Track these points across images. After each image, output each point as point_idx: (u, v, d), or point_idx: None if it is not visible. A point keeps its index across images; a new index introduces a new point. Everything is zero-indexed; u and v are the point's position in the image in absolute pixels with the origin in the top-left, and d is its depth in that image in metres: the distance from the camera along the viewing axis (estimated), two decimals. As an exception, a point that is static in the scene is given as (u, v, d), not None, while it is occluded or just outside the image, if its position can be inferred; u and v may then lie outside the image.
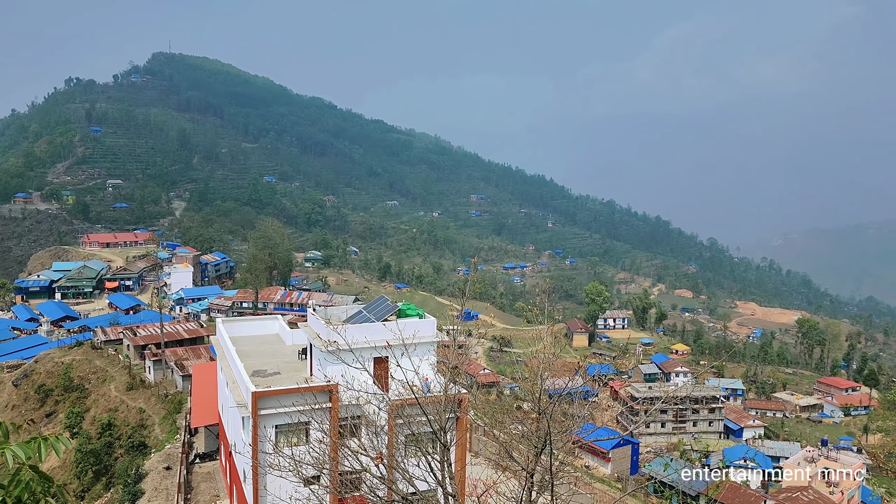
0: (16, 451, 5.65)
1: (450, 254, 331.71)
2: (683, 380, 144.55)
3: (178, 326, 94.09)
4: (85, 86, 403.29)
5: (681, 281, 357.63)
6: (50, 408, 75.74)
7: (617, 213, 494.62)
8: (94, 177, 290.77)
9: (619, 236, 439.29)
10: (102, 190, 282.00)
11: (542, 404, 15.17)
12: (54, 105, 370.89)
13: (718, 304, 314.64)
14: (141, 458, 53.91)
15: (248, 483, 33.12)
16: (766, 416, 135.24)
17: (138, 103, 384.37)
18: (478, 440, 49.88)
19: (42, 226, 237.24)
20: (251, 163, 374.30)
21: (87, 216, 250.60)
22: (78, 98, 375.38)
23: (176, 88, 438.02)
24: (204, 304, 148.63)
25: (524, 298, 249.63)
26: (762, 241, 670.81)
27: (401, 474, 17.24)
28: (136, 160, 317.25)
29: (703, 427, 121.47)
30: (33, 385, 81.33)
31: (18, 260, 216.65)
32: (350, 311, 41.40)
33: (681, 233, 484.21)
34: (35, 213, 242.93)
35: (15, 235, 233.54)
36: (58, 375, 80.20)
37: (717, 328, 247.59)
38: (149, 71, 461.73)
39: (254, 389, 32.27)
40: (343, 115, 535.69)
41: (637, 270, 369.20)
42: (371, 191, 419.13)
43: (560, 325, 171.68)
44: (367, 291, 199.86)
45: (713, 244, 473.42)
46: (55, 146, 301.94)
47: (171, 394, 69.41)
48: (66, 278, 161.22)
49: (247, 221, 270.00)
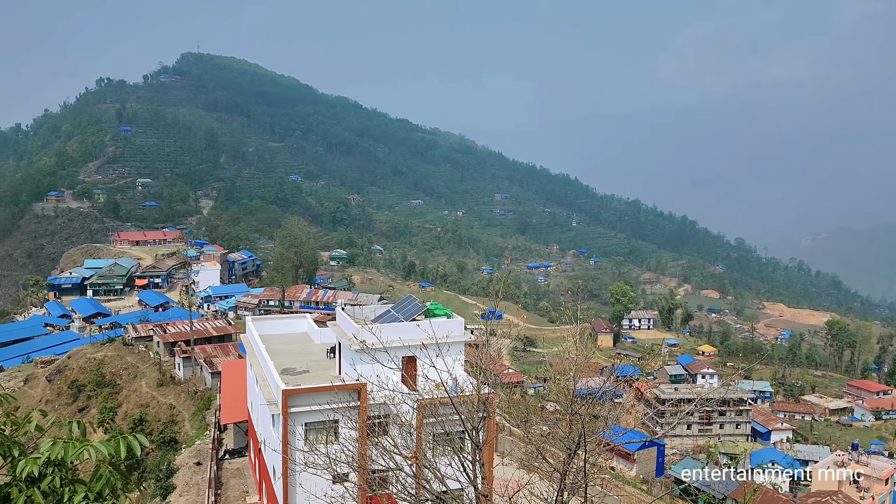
0: (98, 448, 5.98)
1: (474, 253, 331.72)
2: (712, 382, 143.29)
3: (207, 324, 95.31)
4: (115, 86, 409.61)
5: (707, 281, 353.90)
6: (83, 403, 77.22)
7: (642, 213, 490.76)
8: (125, 176, 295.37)
9: (645, 236, 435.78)
10: (132, 189, 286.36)
11: (573, 405, 15.31)
12: (86, 105, 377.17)
13: (746, 305, 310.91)
14: (172, 454, 54.85)
15: (278, 479, 33.60)
16: (794, 419, 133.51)
17: (167, 103, 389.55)
18: (503, 440, 50.01)
19: (74, 224, 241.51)
20: (277, 162, 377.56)
21: (117, 214, 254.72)
22: (109, 98, 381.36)
23: (204, 88, 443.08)
24: (231, 301, 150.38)
25: (548, 298, 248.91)
26: (790, 240, 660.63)
27: (432, 473, 17.47)
28: (165, 159, 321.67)
29: (730, 429, 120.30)
30: (66, 381, 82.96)
31: (51, 257, 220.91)
32: (378, 310, 41.74)
33: (707, 232, 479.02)
34: (67, 211, 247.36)
35: (48, 233, 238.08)
36: (90, 371, 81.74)
37: (745, 329, 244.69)
38: (177, 71, 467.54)
39: (284, 387, 32.73)
40: (368, 114, 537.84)
41: (663, 270, 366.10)
42: (396, 190, 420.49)
43: (585, 325, 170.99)
44: (391, 290, 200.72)
45: (740, 244, 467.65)
46: (87, 145, 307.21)
47: (200, 390, 70.39)
48: (97, 276, 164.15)
49: (273, 220, 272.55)
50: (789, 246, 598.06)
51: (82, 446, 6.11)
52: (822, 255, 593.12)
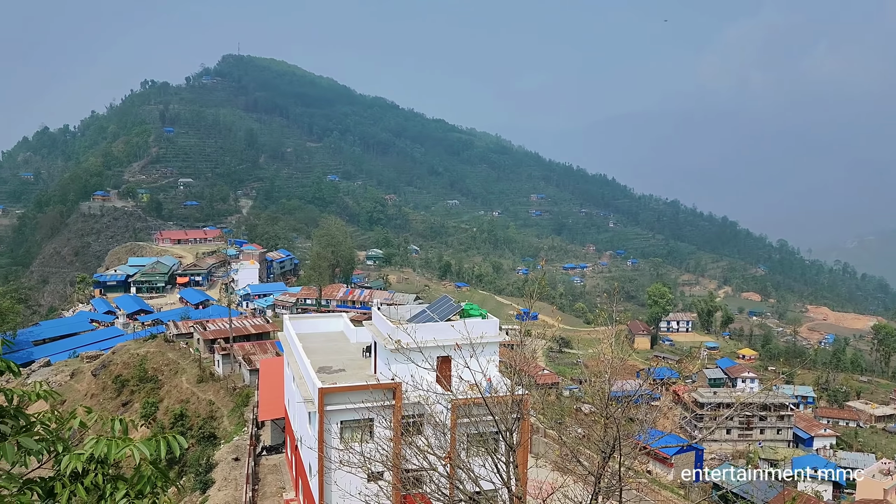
0: (140, 447, 6.16)
1: (509, 253, 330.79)
2: (753, 386, 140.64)
3: (246, 322, 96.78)
4: (159, 88, 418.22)
5: (748, 283, 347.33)
6: (126, 398, 79.07)
7: (681, 214, 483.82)
8: (167, 175, 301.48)
9: (684, 237, 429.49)
10: (174, 188, 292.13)
11: (609, 408, 15.19)
12: (131, 106, 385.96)
13: (788, 308, 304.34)
14: (211, 449, 55.81)
15: (314, 477, 33.97)
16: (838, 426, 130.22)
17: (208, 104, 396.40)
18: (537, 441, 49.81)
19: (119, 223, 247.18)
20: (315, 162, 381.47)
21: (160, 213, 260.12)
22: (153, 100, 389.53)
23: (244, 89, 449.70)
24: (269, 300, 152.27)
25: (584, 299, 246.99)
26: (835, 242, 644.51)
27: (466, 474, 17.50)
28: (206, 159, 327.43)
29: (771, 435, 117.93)
30: (110, 375, 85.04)
31: (97, 255, 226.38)
32: (413, 310, 41.94)
33: (748, 234, 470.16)
34: (112, 210, 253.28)
35: (94, 232, 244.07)
36: (133, 366, 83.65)
37: (787, 333, 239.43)
38: (219, 73, 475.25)
39: (320, 385, 33.08)
40: (405, 114, 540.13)
41: (702, 272, 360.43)
42: (432, 190, 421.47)
43: (621, 326, 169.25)
44: (427, 290, 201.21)
45: (783, 246, 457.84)
46: (131, 146, 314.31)
47: (238, 387, 71.51)
48: (140, 273, 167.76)
49: (310, 219, 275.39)
50: (834, 248, 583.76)
51: (125, 445, 6.29)
52: (868, 257, 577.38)
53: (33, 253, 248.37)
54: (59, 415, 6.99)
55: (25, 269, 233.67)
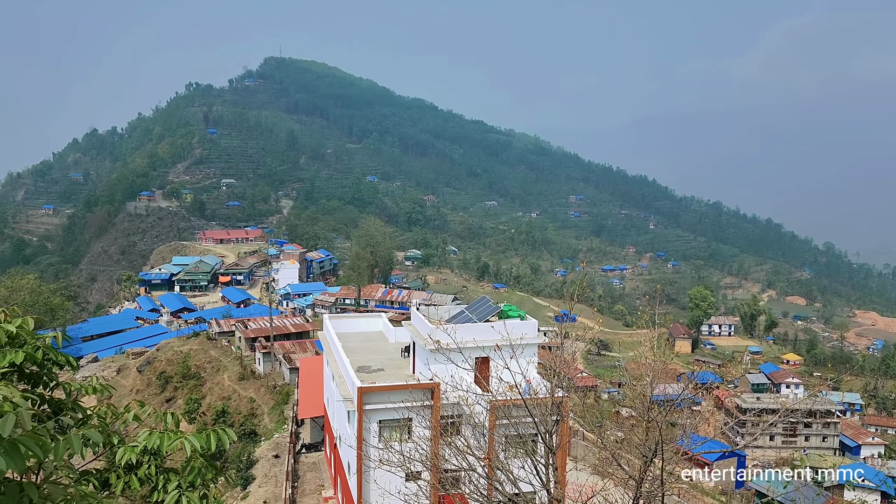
0: (192, 440, 6.35)
1: (548, 254, 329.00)
2: (797, 392, 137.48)
3: (286, 321, 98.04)
4: (203, 90, 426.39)
5: (793, 287, 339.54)
6: (170, 394, 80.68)
7: (724, 215, 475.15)
8: (210, 176, 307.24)
9: (726, 239, 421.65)
10: (217, 188, 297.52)
11: (650, 412, 15.03)
12: (176, 108, 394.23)
13: (835, 313, 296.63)
14: (252, 446, 56.67)
15: (353, 475, 34.26)
16: (887, 434, 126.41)
17: (251, 106, 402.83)
18: (576, 444, 49.43)
19: (163, 222, 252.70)
20: (355, 163, 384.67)
21: (203, 213, 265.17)
22: (197, 102, 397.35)
23: (286, 91, 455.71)
24: (309, 299, 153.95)
25: (623, 301, 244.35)
26: (885, 246, 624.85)
27: (505, 475, 17.49)
28: (248, 160, 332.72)
29: (816, 442, 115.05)
30: (155, 372, 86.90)
31: (142, 254, 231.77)
32: (452, 310, 42.03)
33: (794, 236, 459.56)
34: (157, 210, 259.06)
35: (139, 231, 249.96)
36: (177, 363, 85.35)
37: (834, 338, 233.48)
38: (261, 75, 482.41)
39: (359, 385, 33.33)
40: (444, 115, 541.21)
41: (745, 275, 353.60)
42: (470, 191, 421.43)
43: (662, 329, 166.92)
44: (465, 291, 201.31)
45: (829, 249, 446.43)
46: (176, 147, 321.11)
47: (279, 385, 72.46)
48: (184, 272, 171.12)
49: (350, 220, 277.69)
50: (883, 251, 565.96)
51: (177, 438, 6.49)
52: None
53: (82, 251, 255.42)
54: (114, 409, 7.23)
55: (75, 267, 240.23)
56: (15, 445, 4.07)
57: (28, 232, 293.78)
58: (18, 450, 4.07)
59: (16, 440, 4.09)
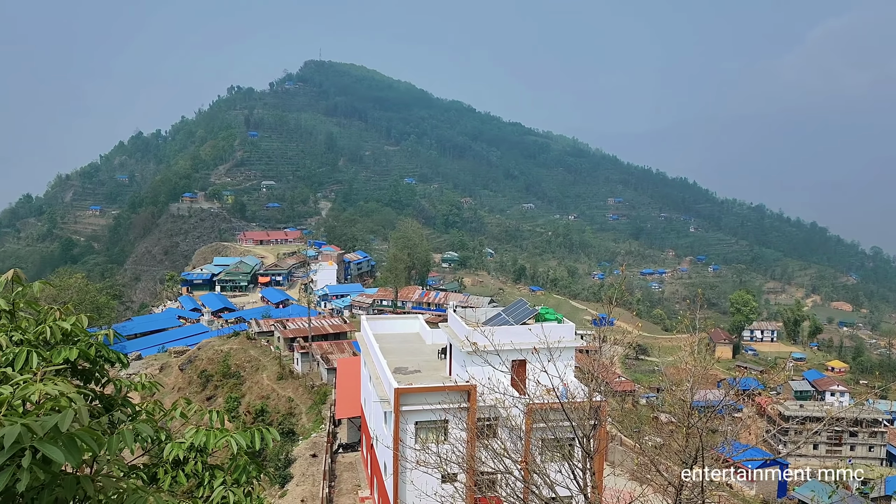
0: (237, 439, 6.51)
1: (585, 257, 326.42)
2: (843, 400, 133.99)
3: (324, 321, 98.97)
4: (245, 93, 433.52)
5: (838, 292, 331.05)
6: (210, 392, 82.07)
7: (767, 218, 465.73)
8: (251, 178, 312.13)
9: (769, 243, 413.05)
10: (257, 190, 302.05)
11: (690, 418, 14.85)
12: (218, 112, 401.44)
13: (882, 319, 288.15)
14: (290, 445, 57.34)
15: (389, 475, 34.45)
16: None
17: (291, 109, 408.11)
18: (614, 450, 48.93)
19: (205, 223, 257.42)
20: (392, 165, 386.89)
21: (243, 215, 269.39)
22: (238, 105, 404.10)
23: (325, 94, 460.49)
24: (347, 300, 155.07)
25: (662, 305, 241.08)
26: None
27: (542, 479, 17.42)
28: (288, 162, 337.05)
29: (862, 452, 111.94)
30: (196, 370, 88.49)
31: (185, 254, 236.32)
32: (489, 312, 42.01)
33: (839, 240, 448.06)
34: (199, 211, 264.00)
35: (182, 232, 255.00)
36: (217, 362, 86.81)
37: (881, 345, 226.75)
38: (301, 78, 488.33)
39: (396, 386, 33.52)
40: (481, 117, 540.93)
41: (788, 280, 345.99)
42: (507, 193, 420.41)
43: (703, 334, 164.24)
44: (501, 293, 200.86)
45: (877, 253, 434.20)
46: (218, 150, 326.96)
47: (316, 385, 73.21)
48: (224, 272, 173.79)
49: (387, 221, 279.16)
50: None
51: (223, 435, 6.66)
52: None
53: (127, 251, 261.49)
54: (162, 406, 7.44)
55: (120, 266, 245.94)
56: (72, 439, 4.23)
57: (76, 232, 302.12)
58: (76, 444, 4.23)
59: (73, 434, 4.25)
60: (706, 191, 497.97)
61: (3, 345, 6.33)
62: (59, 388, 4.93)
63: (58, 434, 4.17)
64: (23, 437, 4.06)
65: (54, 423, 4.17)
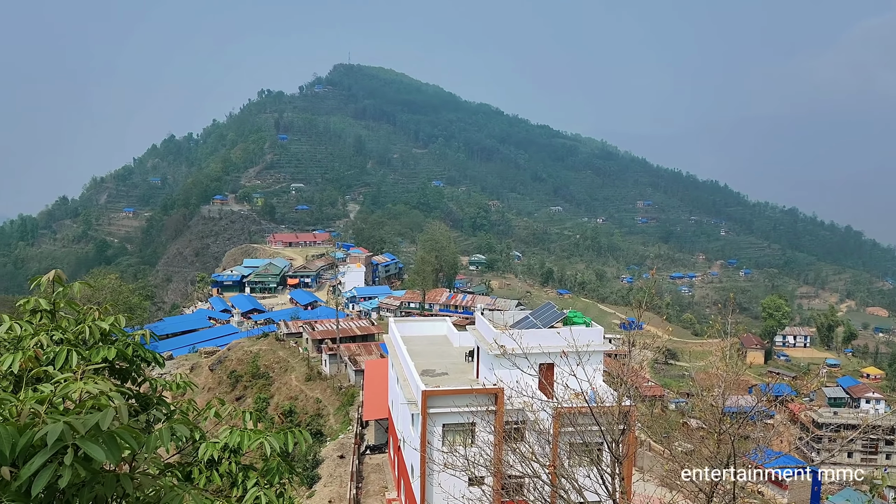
0: (271, 441, 6.61)
1: (613, 261, 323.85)
2: (878, 408, 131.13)
3: (352, 323, 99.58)
4: (275, 97, 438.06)
5: (874, 298, 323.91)
6: (240, 392, 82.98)
7: (800, 222, 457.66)
8: (280, 181, 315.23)
9: (802, 247, 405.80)
10: (286, 193, 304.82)
11: (721, 424, 14.66)
12: (248, 115, 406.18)
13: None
14: (317, 446, 57.70)
15: (416, 477, 34.51)
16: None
17: (320, 112, 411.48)
18: (643, 455, 48.45)
19: (235, 225, 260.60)
20: (420, 167, 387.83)
21: (273, 217, 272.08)
22: (268, 108, 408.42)
23: (354, 97, 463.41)
24: (374, 302, 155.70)
25: (692, 310, 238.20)
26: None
27: (570, 483, 17.32)
28: (317, 165, 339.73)
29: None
30: (226, 370, 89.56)
31: (215, 256, 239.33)
32: (516, 315, 41.90)
33: (875, 244, 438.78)
34: (230, 213, 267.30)
35: (213, 234, 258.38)
36: (247, 363, 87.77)
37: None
38: (330, 81, 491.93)
39: (423, 388, 33.57)
40: (509, 120, 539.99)
41: (822, 284, 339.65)
42: (535, 196, 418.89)
43: (733, 339, 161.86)
44: (529, 296, 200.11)
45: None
46: (248, 152, 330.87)
47: (344, 387, 73.63)
48: (254, 274, 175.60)
49: (415, 224, 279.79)
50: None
51: (258, 436, 6.76)
52: None
53: (159, 253, 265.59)
54: (196, 406, 7.57)
55: (152, 267, 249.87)
56: (113, 438, 4.32)
57: (110, 234, 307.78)
58: (116, 442, 4.33)
59: (114, 432, 4.35)
60: (737, 193, 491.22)
61: (44, 344, 6.51)
62: (98, 386, 5.04)
63: (98, 432, 4.27)
64: (65, 434, 4.16)
65: (95, 422, 4.27)
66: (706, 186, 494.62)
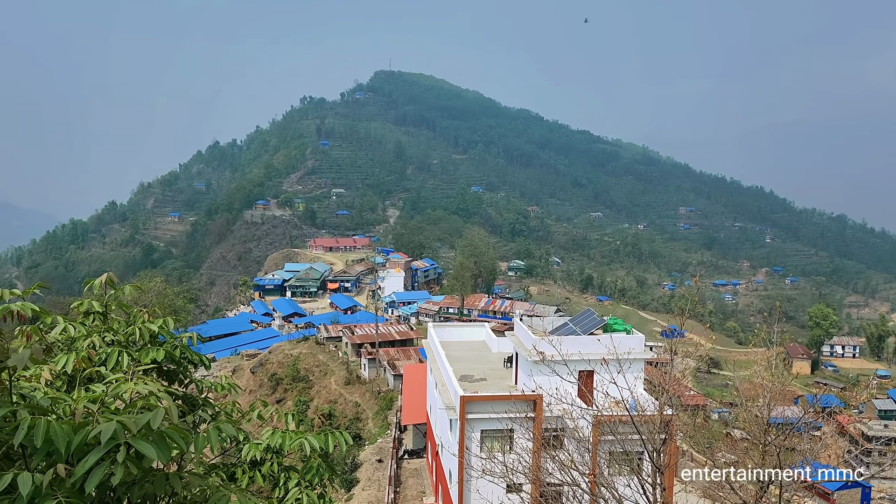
0: (311, 441, 6.72)
1: (654, 267, 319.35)
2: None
3: (391, 328, 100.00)
4: (316, 103, 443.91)
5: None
6: (280, 395, 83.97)
7: (849, 229, 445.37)
8: (321, 186, 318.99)
9: (851, 255, 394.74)
10: (327, 198, 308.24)
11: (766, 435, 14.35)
12: (290, 121, 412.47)
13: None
14: (356, 449, 58.06)
15: (454, 483, 34.47)
16: None
17: (361, 118, 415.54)
18: (684, 465, 47.62)
19: (277, 230, 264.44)
20: (460, 173, 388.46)
21: (313, 222, 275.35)
22: (310, 115, 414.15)
23: (394, 104, 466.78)
24: (413, 307, 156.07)
25: (736, 318, 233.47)
26: None
27: (610, 492, 17.13)
28: (357, 171, 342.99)
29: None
30: (267, 373, 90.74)
31: (257, 260, 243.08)
32: (555, 322, 41.64)
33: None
34: (272, 218, 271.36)
35: (255, 238, 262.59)
36: (287, 366, 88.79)
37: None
38: (371, 88, 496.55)
39: (462, 393, 33.53)
40: (549, 126, 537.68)
41: (872, 293, 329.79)
42: (575, 202, 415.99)
43: (779, 349, 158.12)
44: (568, 303, 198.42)
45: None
46: (290, 158, 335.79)
47: (383, 391, 73.97)
48: (295, 278, 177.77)
49: (454, 229, 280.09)
50: None
51: (299, 437, 6.87)
52: None
53: (203, 257, 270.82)
54: (240, 407, 7.72)
55: (196, 271, 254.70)
56: (163, 437, 4.46)
57: (156, 238, 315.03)
58: (166, 441, 4.46)
59: (164, 432, 4.49)
60: (783, 200, 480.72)
61: (97, 345, 6.72)
62: (148, 387, 5.19)
63: (149, 431, 4.41)
64: (118, 433, 4.30)
65: (146, 421, 4.41)
66: (751, 192, 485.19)
